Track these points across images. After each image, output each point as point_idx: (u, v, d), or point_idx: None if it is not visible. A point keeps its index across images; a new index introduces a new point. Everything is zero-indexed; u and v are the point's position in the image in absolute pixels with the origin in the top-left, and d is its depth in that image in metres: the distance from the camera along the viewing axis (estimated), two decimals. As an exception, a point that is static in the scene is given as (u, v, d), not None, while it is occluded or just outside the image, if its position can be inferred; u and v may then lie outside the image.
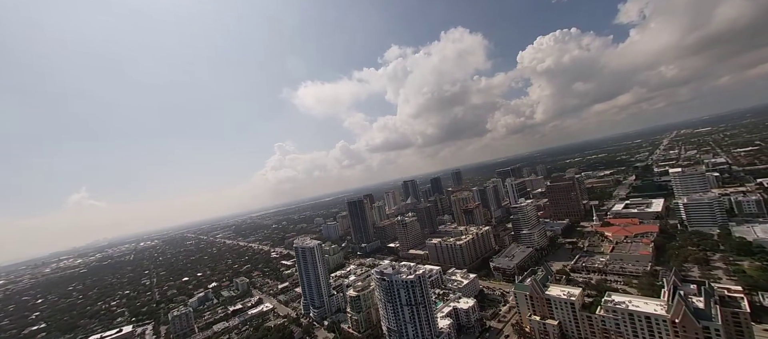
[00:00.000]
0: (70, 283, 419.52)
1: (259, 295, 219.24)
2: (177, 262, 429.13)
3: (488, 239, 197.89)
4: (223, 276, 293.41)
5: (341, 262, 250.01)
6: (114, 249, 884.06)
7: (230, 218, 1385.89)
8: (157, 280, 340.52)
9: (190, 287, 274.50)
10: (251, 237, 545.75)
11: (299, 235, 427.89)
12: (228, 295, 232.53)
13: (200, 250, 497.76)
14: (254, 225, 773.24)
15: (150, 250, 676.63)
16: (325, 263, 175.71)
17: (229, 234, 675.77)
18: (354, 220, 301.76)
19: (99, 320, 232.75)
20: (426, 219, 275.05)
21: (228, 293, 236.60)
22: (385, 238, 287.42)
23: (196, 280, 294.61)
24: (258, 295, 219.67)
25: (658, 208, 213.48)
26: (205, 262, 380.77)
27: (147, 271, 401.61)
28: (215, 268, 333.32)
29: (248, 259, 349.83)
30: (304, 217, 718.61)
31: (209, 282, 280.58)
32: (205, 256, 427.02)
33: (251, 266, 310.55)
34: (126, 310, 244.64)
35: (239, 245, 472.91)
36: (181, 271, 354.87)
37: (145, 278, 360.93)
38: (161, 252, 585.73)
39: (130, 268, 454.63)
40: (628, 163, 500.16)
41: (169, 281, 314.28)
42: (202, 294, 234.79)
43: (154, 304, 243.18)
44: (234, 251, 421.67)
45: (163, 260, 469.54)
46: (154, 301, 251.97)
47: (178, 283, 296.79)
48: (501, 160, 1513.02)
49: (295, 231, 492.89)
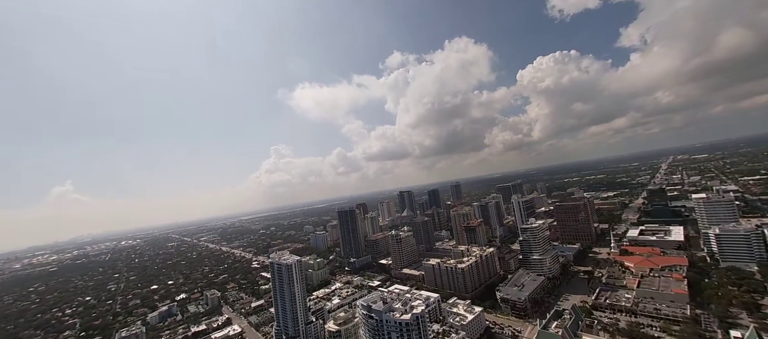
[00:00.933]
0: (34, 283, 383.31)
1: (230, 314, 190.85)
2: (152, 265, 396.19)
3: (492, 263, 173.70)
4: (196, 286, 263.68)
5: (326, 279, 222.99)
6: (94, 246, 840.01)
7: (219, 220, 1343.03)
8: (124, 285, 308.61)
9: (156, 298, 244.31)
10: (236, 242, 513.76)
11: (285, 243, 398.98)
12: (195, 310, 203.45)
13: (179, 254, 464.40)
14: (242, 229, 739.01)
15: (129, 250, 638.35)
16: (305, 282, 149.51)
17: (213, 237, 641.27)
18: (344, 231, 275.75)
19: (44, 333, 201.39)
20: (422, 234, 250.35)
21: (195, 308, 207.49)
22: (377, 252, 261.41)
23: (165, 290, 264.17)
24: (228, 314, 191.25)
25: (680, 237, 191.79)
26: (181, 268, 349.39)
27: (117, 275, 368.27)
28: (189, 277, 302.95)
29: (227, 267, 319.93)
30: (294, 223, 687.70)
31: (179, 292, 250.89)
32: (182, 261, 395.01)
33: (228, 276, 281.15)
34: (78, 322, 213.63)
35: (221, 251, 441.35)
36: (152, 277, 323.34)
37: (112, 282, 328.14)
38: (139, 253, 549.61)
39: (102, 270, 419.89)
40: (631, 186, 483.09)
41: (136, 288, 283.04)
42: (165, 308, 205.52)
43: (110, 316, 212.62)
44: (214, 257, 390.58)
45: (138, 263, 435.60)
46: (113, 312, 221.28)
47: (145, 292, 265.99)
48: (497, 176, 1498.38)
49: (281, 238, 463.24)
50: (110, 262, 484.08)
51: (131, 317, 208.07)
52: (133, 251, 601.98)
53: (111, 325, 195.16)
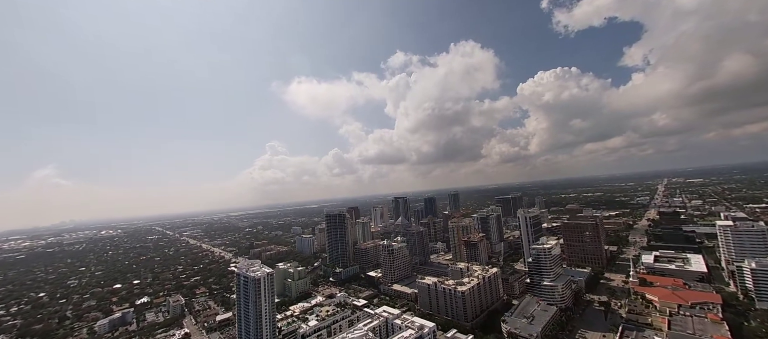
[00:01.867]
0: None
1: (192, 327, 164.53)
2: (123, 260, 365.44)
3: (496, 285, 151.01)
4: (163, 288, 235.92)
5: (307, 290, 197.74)
6: (73, 234, 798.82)
7: (207, 214, 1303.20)
8: (86, 280, 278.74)
9: (115, 300, 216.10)
10: (219, 239, 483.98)
11: (269, 244, 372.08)
12: (153, 319, 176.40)
13: (156, 249, 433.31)
14: (228, 226, 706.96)
15: (106, 240, 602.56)
16: (275, 298, 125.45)
17: (197, 232, 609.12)
18: (331, 237, 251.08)
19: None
20: (417, 245, 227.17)
21: (155, 316, 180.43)
22: (366, 262, 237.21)
23: (128, 290, 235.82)
24: (190, 326, 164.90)
25: (701, 267, 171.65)
26: (153, 265, 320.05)
27: (83, 268, 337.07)
28: (159, 276, 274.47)
29: (202, 268, 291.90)
30: (283, 223, 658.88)
31: (142, 294, 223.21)
32: (157, 257, 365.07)
33: (201, 279, 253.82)
34: (19, 323, 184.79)
35: (200, 248, 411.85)
36: (119, 274, 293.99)
37: (76, 277, 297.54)
38: (116, 245, 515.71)
39: (70, 261, 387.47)
40: (631, 206, 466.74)
41: (98, 286, 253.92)
42: (119, 315, 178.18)
43: (55, 321, 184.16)
44: (191, 255, 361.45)
45: (110, 256, 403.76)
46: (59, 316, 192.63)
47: (105, 292, 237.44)
48: (492, 187, 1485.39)
49: (266, 239, 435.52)
50: (82, 253, 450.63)
51: (80, 323, 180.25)
52: (110, 242, 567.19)
53: (52, 333, 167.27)
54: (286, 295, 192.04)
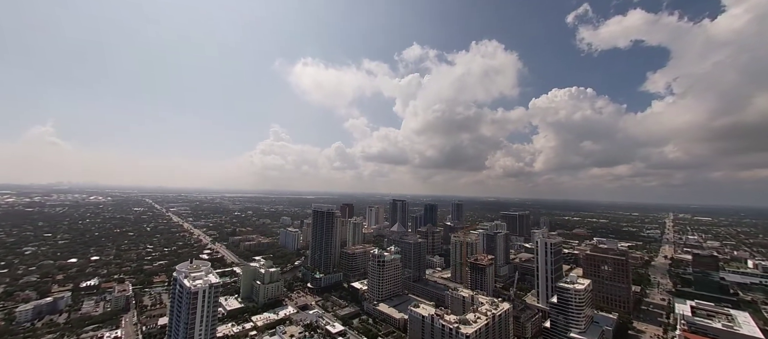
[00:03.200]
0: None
1: (130, 327, 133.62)
2: (95, 230, 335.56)
3: (507, 326, 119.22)
4: (119, 270, 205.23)
5: (279, 296, 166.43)
6: (61, 196, 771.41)
7: (201, 192, 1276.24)
8: (44, 250, 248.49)
9: (59, 278, 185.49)
10: (203, 220, 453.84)
11: (253, 233, 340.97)
12: (89, 310, 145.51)
13: (136, 222, 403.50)
14: (218, 207, 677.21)
15: (91, 207, 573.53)
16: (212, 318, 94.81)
17: (184, 210, 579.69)
18: (316, 235, 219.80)
19: None
20: (412, 258, 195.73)
21: (92, 307, 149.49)
22: (353, 270, 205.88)
23: (79, 268, 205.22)
24: (128, 326, 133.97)
25: (754, 331, 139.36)
26: (123, 241, 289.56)
27: (49, 234, 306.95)
28: (123, 254, 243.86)
29: (173, 251, 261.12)
30: (275, 211, 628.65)
31: (94, 274, 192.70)
32: (131, 232, 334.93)
33: (166, 264, 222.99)
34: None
35: (181, 228, 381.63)
36: (82, 246, 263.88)
37: (35, 244, 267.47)
38: (96, 213, 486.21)
39: (41, 225, 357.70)
40: (642, 239, 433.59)
41: (51, 259, 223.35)
42: (50, 299, 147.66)
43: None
44: (167, 234, 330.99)
45: (84, 225, 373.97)
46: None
47: (56, 265, 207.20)
48: (491, 199, 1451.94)
49: (251, 226, 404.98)
50: (57, 217, 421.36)
51: (5, 303, 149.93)
52: (93, 209, 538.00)
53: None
54: (252, 299, 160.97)
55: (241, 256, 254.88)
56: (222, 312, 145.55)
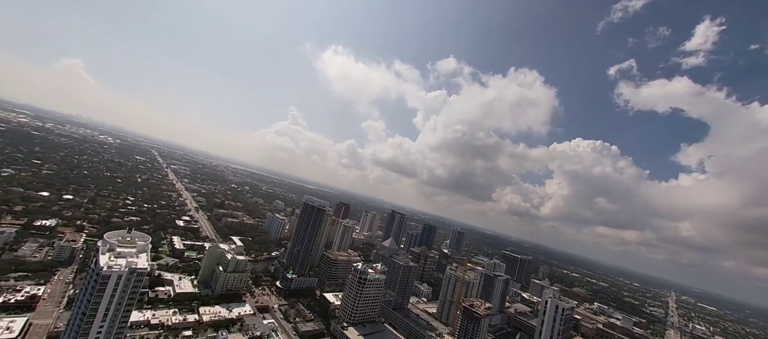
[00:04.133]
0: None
1: (59, 285, 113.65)
2: (85, 167, 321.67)
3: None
4: (86, 216, 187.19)
5: (239, 289, 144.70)
6: (73, 128, 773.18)
7: (207, 156, 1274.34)
8: (23, 176, 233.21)
9: (17, 209, 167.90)
10: (197, 185, 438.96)
11: (238, 211, 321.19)
12: (24, 254, 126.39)
13: (130, 170, 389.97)
14: (217, 175, 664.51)
15: (95, 145, 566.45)
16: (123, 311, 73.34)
17: (183, 169, 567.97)
18: (301, 230, 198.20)
19: None
20: (398, 281, 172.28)
21: (31, 251, 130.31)
22: (330, 277, 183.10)
23: (44, 203, 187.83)
24: (56, 285, 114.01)
25: None
26: (107, 185, 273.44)
27: (37, 161, 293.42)
28: (98, 201, 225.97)
29: (151, 209, 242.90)
30: (272, 192, 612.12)
31: (55, 215, 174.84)
32: (119, 179, 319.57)
33: (139, 221, 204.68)
34: None
35: (171, 187, 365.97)
36: (61, 182, 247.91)
37: (17, 167, 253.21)
38: (97, 152, 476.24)
39: (35, 150, 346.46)
40: (644, 315, 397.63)
41: (22, 187, 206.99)
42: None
43: None
44: (154, 190, 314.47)
45: (77, 160, 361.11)
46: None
47: (23, 194, 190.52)
48: (490, 233, 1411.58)
49: (243, 202, 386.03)
50: (57, 147, 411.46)
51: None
52: (97, 147, 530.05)
53: None
54: (209, 286, 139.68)
55: (219, 231, 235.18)
56: (169, 293, 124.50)
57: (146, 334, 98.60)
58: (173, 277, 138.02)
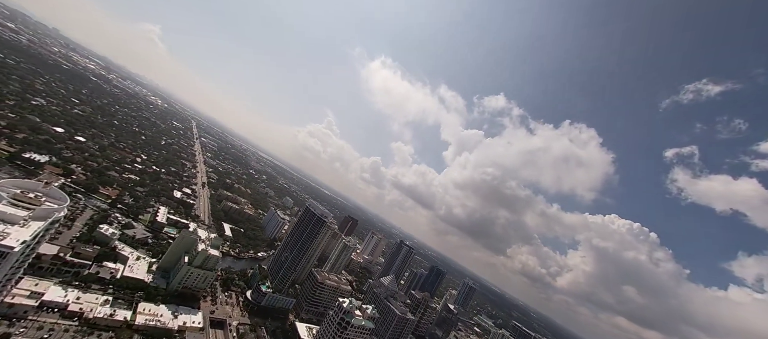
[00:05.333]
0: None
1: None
2: (117, 117, 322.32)
3: None
4: (85, 161, 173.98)
5: (200, 290, 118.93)
6: (131, 84, 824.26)
7: (240, 139, 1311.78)
8: (47, 109, 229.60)
9: (19, 136, 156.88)
10: (217, 161, 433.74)
11: (239, 203, 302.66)
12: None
13: (161, 132, 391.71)
14: (240, 157, 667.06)
15: (141, 103, 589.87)
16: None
17: (211, 144, 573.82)
18: (294, 237, 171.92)
19: None
20: (389, 331, 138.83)
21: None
22: (312, 302, 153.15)
23: (52, 138, 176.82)
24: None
25: None
26: (129, 138, 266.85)
27: (76, 101, 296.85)
28: (107, 150, 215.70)
29: (155, 173, 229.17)
30: (287, 187, 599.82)
31: (55, 152, 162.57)
32: (144, 136, 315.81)
33: (135, 182, 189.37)
34: None
35: (191, 158, 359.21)
36: (85, 124, 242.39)
37: (52, 100, 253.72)
38: (137, 108, 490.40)
39: (83, 92, 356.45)
40: None
41: (40, 117, 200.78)
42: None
43: None
44: (170, 156, 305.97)
45: (114, 110, 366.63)
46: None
47: (36, 124, 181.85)
48: (496, 290, 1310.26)
49: (253, 190, 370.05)
50: (104, 94, 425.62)
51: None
52: (142, 105, 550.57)
53: None
54: (167, 276, 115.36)
55: (214, 214, 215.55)
56: (114, 273, 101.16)
57: (44, 321, 74.39)
58: (132, 254, 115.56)
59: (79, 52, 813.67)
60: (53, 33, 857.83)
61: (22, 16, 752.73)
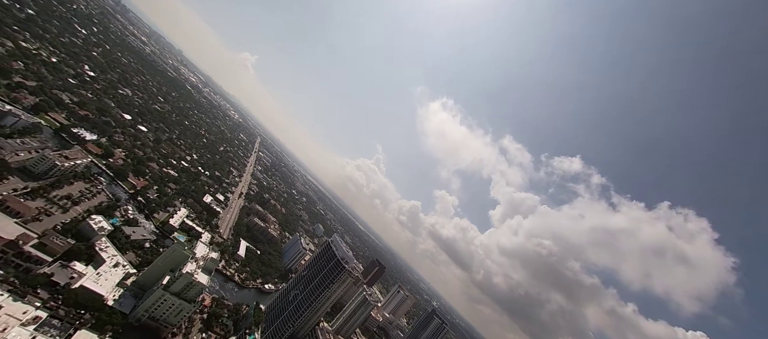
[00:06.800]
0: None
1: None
2: (192, 119, 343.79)
3: None
4: (134, 148, 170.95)
5: (170, 326, 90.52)
6: (217, 97, 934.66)
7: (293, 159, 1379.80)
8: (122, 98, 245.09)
9: (80, 114, 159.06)
10: (263, 175, 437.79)
11: (278, 218, 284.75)
12: (12, 148, 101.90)
13: (223, 139, 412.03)
14: (288, 176, 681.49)
15: (217, 110, 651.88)
16: None
17: (266, 158, 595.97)
18: (306, 277, 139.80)
19: None
20: None
21: (19, 147, 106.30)
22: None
23: (115, 121, 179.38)
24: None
25: None
26: (194, 138, 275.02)
27: (162, 99, 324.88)
28: (162, 146, 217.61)
29: (198, 174, 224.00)
30: (321, 214, 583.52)
31: (110, 135, 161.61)
32: (205, 139, 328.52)
33: (175, 176, 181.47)
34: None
35: (241, 167, 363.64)
36: (157, 116, 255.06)
37: (137, 91, 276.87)
38: (214, 116, 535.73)
39: (172, 94, 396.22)
40: None
41: (116, 103, 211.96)
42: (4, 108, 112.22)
43: None
44: (222, 161, 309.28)
45: (192, 114, 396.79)
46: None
47: (107, 108, 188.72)
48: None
49: (289, 212, 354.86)
50: (188, 97, 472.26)
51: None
52: (217, 112, 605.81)
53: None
54: (135, 299, 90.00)
55: (236, 227, 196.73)
56: (69, 282, 78.30)
57: None
58: (112, 258, 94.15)
59: (188, 67, 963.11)
60: (176, 52, 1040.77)
61: (157, 35, 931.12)
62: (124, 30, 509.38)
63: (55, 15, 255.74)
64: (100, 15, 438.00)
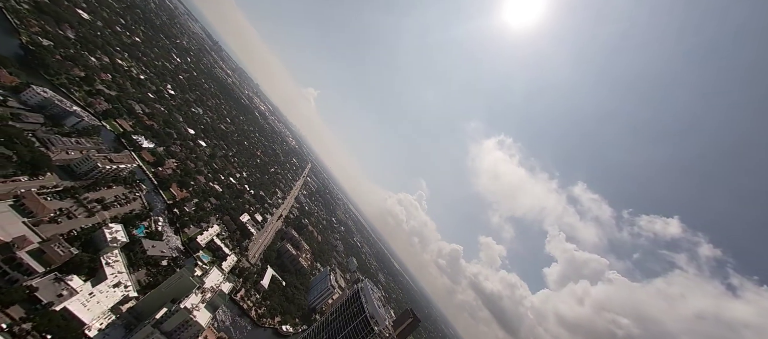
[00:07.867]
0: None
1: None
2: (252, 141, 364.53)
3: None
4: (187, 160, 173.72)
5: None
6: (280, 125, 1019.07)
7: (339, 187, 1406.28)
8: (194, 116, 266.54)
9: (146, 123, 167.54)
10: (307, 200, 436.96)
11: (313, 247, 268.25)
12: (59, 147, 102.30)
13: (276, 162, 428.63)
14: (330, 203, 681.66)
15: (276, 136, 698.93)
16: None
17: (313, 184, 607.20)
18: (329, 327, 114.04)
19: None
20: None
21: (76, 146, 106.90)
22: None
23: (177, 134, 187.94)
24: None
25: None
26: (249, 158, 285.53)
27: (228, 120, 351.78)
28: (217, 161, 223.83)
29: (242, 191, 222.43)
30: (357, 246, 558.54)
31: (168, 146, 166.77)
32: (258, 159, 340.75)
33: (218, 191, 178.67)
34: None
35: (287, 190, 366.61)
36: (219, 134, 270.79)
37: (208, 113, 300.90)
38: (273, 140, 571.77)
39: (232, 112, 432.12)
40: None
41: (186, 121, 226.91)
42: (71, 108, 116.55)
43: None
44: (270, 182, 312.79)
45: (254, 137, 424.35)
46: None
47: (174, 122, 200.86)
48: None
49: (325, 241, 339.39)
50: (254, 123, 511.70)
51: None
52: (276, 137, 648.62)
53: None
54: (126, 329, 73.91)
55: (266, 251, 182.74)
56: (58, 295, 65.28)
57: None
58: (117, 276, 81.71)
59: (260, 97, 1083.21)
60: (254, 85, 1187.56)
61: (241, 70, 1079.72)
62: (214, 63, 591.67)
63: (158, 45, 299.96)
64: (198, 50, 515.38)
